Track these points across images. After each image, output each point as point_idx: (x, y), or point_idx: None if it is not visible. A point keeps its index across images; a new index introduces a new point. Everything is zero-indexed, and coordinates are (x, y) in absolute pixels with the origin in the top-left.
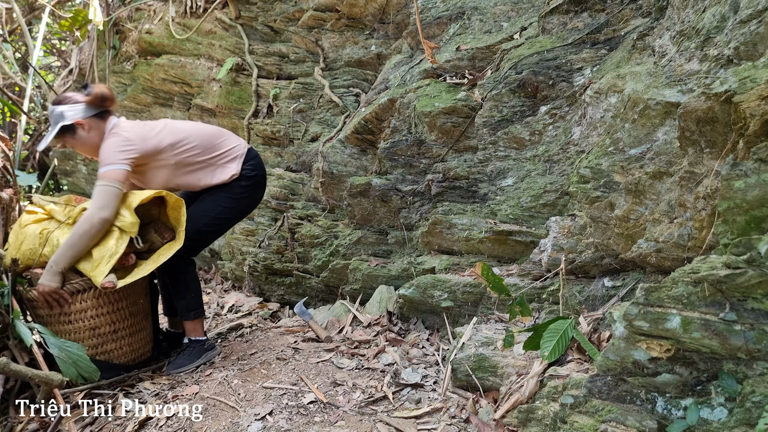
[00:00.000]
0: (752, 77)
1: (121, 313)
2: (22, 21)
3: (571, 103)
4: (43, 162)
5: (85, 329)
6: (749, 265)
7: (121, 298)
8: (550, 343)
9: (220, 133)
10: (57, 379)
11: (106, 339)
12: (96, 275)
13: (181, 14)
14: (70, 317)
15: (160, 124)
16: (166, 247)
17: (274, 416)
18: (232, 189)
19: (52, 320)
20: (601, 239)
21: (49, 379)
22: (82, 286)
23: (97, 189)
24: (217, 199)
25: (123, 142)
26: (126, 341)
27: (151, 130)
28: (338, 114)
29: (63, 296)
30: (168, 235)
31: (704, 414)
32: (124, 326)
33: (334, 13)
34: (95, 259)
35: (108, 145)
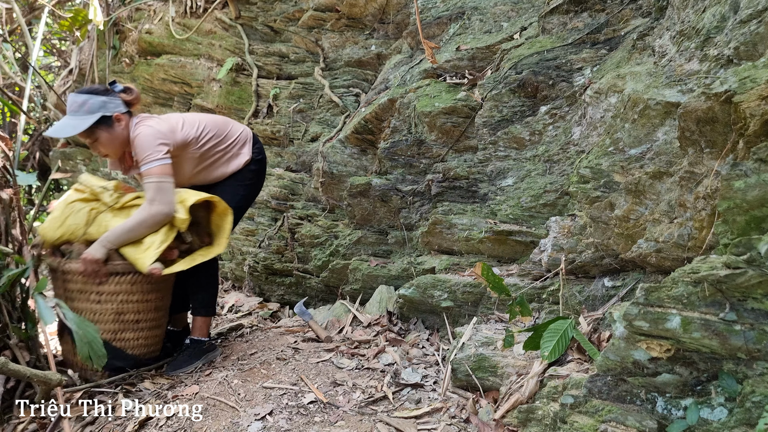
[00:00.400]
0: (752, 77)
1: (147, 305)
2: (22, 21)
3: (571, 103)
4: (42, 162)
5: (111, 312)
6: (749, 265)
7: (152, 290)
8: (550, 343)
9: (226, 121)
10: (55, 379)
11: (127, 327)
12: (143, 259)
13: (181, 14)
14: (100, 297)
15: (177, 116)
16: (203, 250)
17: (274, 416)
18: (243, 175)
19: (81, 296)
20: (601, 239)
21: (48, 379)
22: (121, 269)
23: (154, 186)
24: (232, 189)
25: (159, 135)
26: (144, 333)
27: (176, 123)
28: (338, 114)
29: (102, 270)
30: (206, 239)
31: (704, 414)
32: (146, 318)
33: (334, 13)
34: (144, 245)
35: (145, 139)
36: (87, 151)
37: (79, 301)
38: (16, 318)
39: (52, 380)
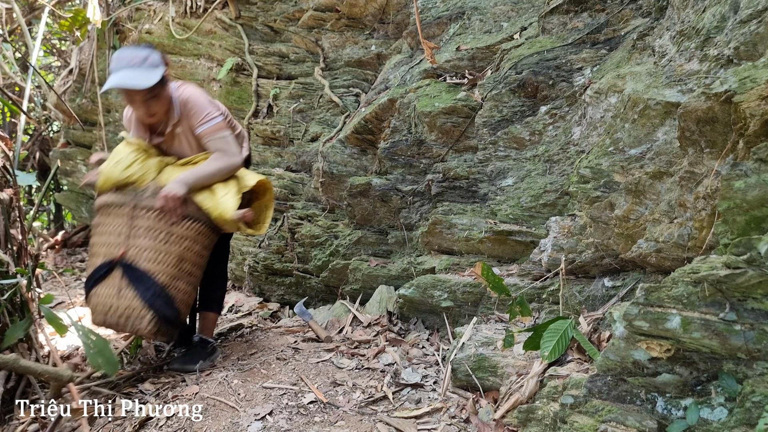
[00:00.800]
0: (752, 77)
1: (202, 261)
2: (22, 21)
3: (571, 103)
4: (42, 162)
5: (174, 256)
6: (749, 265)
7: (209, 248)
8: (550, 343)
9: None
10: (66, 375)
11: (182, 276)
12: (225, 204)
13: (181, 14)
14: (169, 237)
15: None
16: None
17: (274, 416)
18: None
19: (149, 234)
20: (601, 239)
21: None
22: (196, 215)
23: (224, 139)
24: None
25: (206, 95)
26: (189, 290)
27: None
28: (338, 114)
29: (180, 210)
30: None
31: (704, 414)
32: (196, 275)
33: (334, 13)
34: (219, 194)
35: (200, 98)
36: (87, 151)
37: (146, 239)
38: (16, 319)
39: (63, 377)
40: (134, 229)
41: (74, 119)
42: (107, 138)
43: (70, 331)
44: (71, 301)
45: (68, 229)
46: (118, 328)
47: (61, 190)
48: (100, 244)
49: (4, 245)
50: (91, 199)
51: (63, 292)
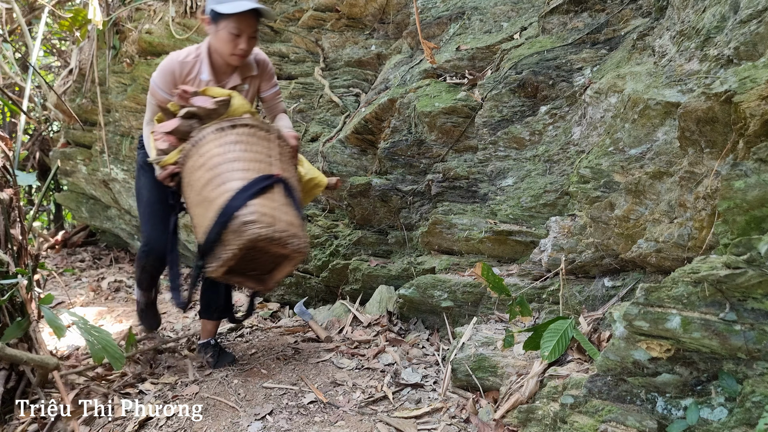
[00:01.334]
0: (752, 77)
1: None
2: (22, 21)
3: (571, 103)
4: (42, 162)
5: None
6: (749, 265)
7: None
8: (550, 343)
9: None
10: (53, 363)
11: None
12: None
13: (181, 14)
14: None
15: None
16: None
17: (274, 416)
18: None
19: (288, 166)
20: (601, 239)
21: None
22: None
23: (283, 102)
24: None
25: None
26: None
27: None
28: (338, 114)
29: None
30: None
31: (704, 414)
32: None
33: (334, 13)
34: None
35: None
36: (87, 150)
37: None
38: (16, 318)
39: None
40: (280, 156)
41: (74, 119)
42: (107, 138)
43: (70, 330)
44: (71, 301)
45: (68, 229)
46: (281, 243)
47: (61, 190)
48: (249, 160)
49: (4, 245)
50: (91, 199)
51: (63, 292)
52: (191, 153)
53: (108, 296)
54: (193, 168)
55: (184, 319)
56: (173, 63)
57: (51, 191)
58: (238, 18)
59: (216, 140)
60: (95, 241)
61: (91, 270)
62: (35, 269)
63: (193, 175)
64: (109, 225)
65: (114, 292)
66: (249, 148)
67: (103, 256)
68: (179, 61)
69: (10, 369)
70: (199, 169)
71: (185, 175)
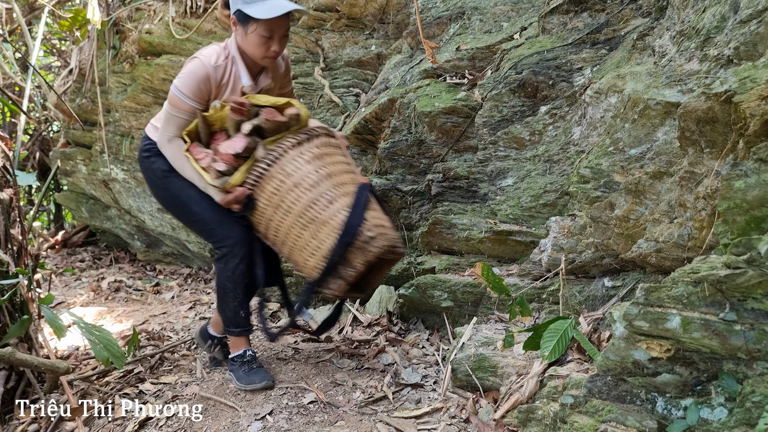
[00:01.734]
0: (752, 77)
1: None
2: (22, 21)
3: (571, 103)
4: (42, 162)
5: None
6: (749, 265)
7: None
8: (550, 343)
9: None
10: (63, 367)
11: None
12: None
13: (181, 14)
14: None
15: None
16: None
17: (274, 416)
18: None
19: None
20: (601, 239)
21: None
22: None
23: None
24: None
25: None
26: None
27: None
28: (338, 114)
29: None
30: None
31: (704, 414)
32: None
33: (334, 13)
34: None
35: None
36: (87, 150)
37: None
38: (16, 318)
39: (60, 368)
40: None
41: (74, 119)
42: (107, 138)
43: (69, 330)
44: (71, 301)
45: (68, 229)
46: (394, 251)
47: (61, 190)
48: (341, 172)
49: (4, 245)
50: (91, 199)
51: (63, 292)
52: (272, 173)
53: (108, 296)
54: (282, 189)
55: (184, 319)
56: (207, 68)
57: (51, 191)
58: (270, 20)
59: (301, 156)
60: (95, 241)
61: (91, 270)
62: (35, 269)
63: (287, 197)
64: (109, 225)
65: (114, 292)
66: (333, 160)
67: (103, 256)
68: (213, 66)
69: (10, 369)
70: (294, 190)
71: (267, 197)
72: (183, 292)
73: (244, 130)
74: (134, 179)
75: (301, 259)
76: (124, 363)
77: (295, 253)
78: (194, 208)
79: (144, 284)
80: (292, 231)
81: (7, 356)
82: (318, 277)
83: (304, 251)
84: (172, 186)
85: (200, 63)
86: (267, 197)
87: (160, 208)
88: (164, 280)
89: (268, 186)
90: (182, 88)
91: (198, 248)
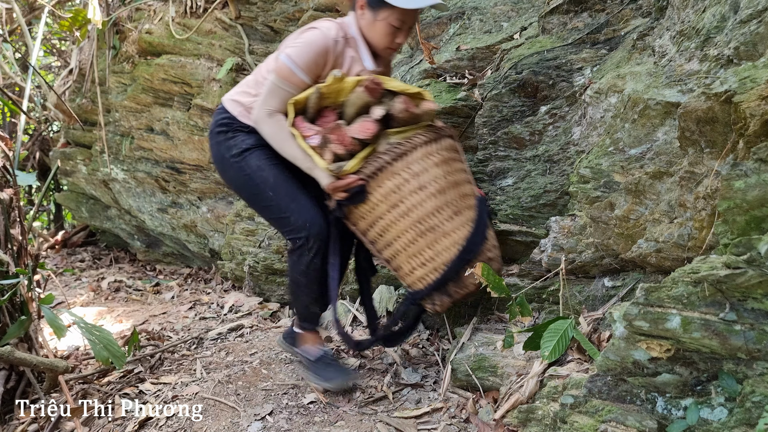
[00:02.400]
0: (752, 77)
1: None
2: (22, 21)
3: (571, 103)
4: (42, 162)
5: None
6: (749, 265)
7: None
8: (550, 344)
9: None
10: (62, 366)
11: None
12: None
13: (181, 14)
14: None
15: None
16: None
17: (274, 416)
18: None
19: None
20: (601, 239)
21: (54, 366)
22: None
23: None
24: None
25: None
26: None
27: None
28: None
29: None
30: None
31: (704, 414)
32: None
33: (334, 13)
34: None
35: None
36: (87, 150)
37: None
38: (16, 318)
39: (59, 367)
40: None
41: (74, 119)
42: (107, 138)
43: (69, 331)
44: (71, 301)
45: (68, 229)
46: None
47: (61, 190)
48: (464, 182)
49: (4, 245)
50: (91, 199)
51: (63, 292)
52: (396, 168)
53: (108, 296)
54: (405, 189)
55: (184, 319)
56: (327, 41)
57: (51, 191)
58: (405, 11)
59: (429, 157)
60: (95, 241)
61: (91, 270)
62: (35, 269)
63: (409, 198)
64: (109, 225)
65: (114, 292)
66: (458, 167)
67: (103, 256)
68: (333, 39)
69: (10, 369)
70: (418, 192)
71: (383, 193)
72: (183, 292)
73: (376, 114)
74: (134, 179)
75: (407, 267)
76: (124, 363)
77: (400, 259)
78: (268, 192)
79: (144, 284)
80: (405, 235)
81: (6, 355)
82: (422, 290)
83: (413, 259)
84: (246, 166)
85: (321, 34)
86: (383, 193)
87: (160, 208)
88: (164, 280)
89: (388, 181)
90: (296, 58)
91: (198, 248)
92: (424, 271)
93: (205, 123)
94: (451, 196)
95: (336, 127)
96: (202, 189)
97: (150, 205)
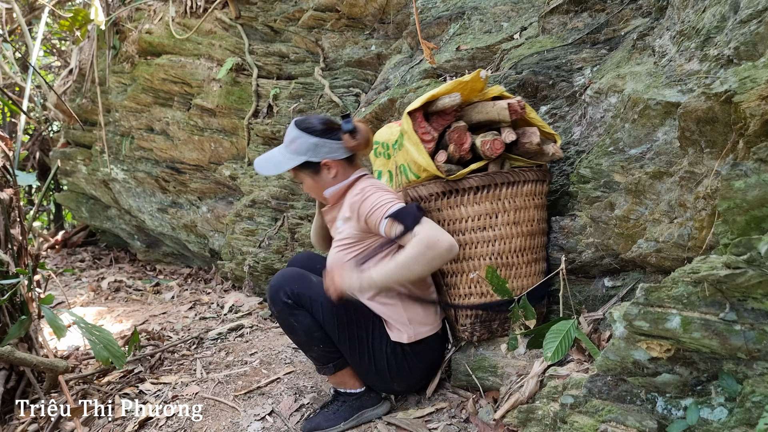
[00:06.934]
0: (752, 77)
1: None
2: (22, 21)
3: (571, 103)
4: (42, 162)
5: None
6: (749, 265)
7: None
8: (553, 344)
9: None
10: (62, 366)
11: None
12: None
13: (181, 14)
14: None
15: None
16: None
17: (274, 416)
18: None
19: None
20: (601, 239)
21: (54, 366)
22: None
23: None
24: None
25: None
26: None
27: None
28: (338, 114)
29: None
30: None
31: (704, 414)
32: None
33: (334, 13)
34: None
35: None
36: (87, 151)
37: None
38: (16, 318)
39: (59, 367)
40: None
41: (74, 119)
42: (107, 138)
43: (69, 330)
44: (71, 301)
45: (68, 229)
46: None
47: (61, 190)
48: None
49: (4, 245)
50: (91, 199)
51: (63, 292)
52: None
53: (108, 296)
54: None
55: (184, 319)
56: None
57: (51, 191)
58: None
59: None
60: (95, 241)
61: (91, 270)
62: (35, 269)
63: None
64: (109, 225)
65: (114, 292)
66: (545, 215)
67: (103, 256)
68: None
69: (10, 369)
70: (512, 226)
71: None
72: (183, 292)
73: (508, 138)
74: (134, 179)
75: (464, 290)
76: (124, 363)
77: (460, 279)
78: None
79: (144, 284)
80: (479, 260)
81: (6, 355)
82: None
83: (476, 286)
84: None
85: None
86: (477, 211)
87: (160, 207)
88: (164, 280)
89: (489, 203)
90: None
91: (198, 248)
92: (479, 300)
93: (205, 123)
94: (537, 242)
95: (461, 128)
96: (202, 189)
97: (150, 205)
